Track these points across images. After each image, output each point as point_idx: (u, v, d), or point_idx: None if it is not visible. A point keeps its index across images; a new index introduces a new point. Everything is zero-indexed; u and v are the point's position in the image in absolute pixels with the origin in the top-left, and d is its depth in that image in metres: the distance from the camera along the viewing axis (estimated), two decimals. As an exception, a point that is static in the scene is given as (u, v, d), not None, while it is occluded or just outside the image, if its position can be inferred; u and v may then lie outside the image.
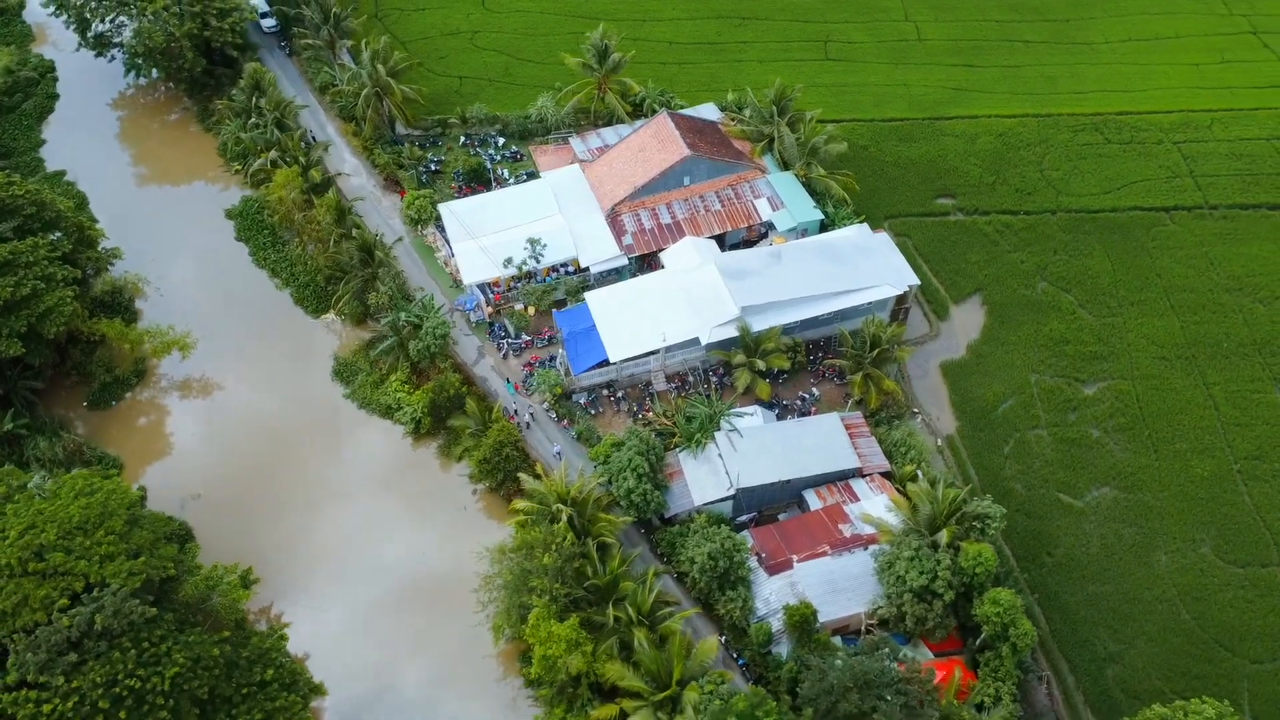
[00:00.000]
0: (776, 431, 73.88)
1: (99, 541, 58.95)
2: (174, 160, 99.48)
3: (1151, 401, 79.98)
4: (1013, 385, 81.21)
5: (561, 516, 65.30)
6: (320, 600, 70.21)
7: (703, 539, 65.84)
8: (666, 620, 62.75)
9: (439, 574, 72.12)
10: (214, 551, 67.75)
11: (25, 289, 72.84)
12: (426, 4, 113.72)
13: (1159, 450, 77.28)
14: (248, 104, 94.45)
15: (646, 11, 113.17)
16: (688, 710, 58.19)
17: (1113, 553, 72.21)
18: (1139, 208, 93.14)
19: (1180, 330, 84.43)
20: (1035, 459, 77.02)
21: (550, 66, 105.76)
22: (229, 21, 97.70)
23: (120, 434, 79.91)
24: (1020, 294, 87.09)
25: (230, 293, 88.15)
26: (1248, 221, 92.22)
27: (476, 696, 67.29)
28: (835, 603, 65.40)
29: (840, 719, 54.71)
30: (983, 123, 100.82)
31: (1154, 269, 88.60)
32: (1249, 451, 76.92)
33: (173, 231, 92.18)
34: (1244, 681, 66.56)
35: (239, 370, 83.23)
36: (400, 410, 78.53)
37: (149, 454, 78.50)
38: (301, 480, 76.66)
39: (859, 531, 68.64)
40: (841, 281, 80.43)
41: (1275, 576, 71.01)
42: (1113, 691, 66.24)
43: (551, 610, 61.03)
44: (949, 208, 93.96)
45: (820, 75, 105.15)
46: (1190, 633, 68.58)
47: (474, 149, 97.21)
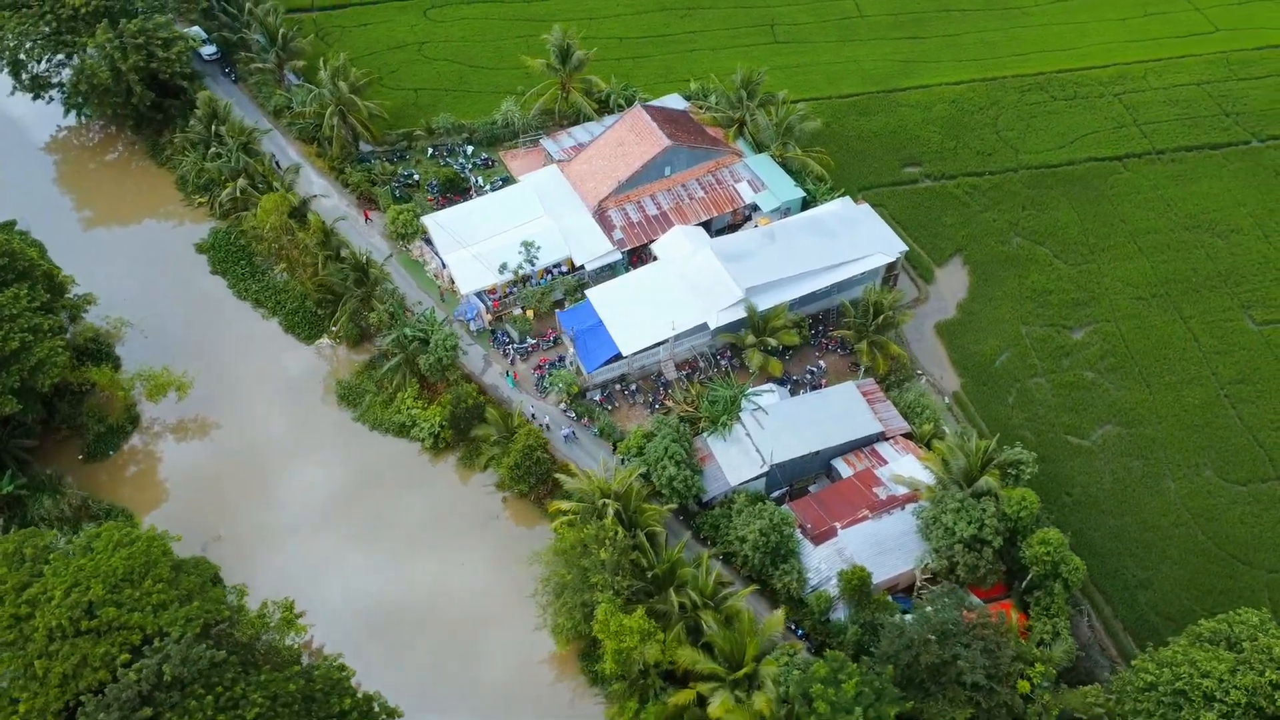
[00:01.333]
0: (798, 405, 75.26)
1: (148, 591, 56.97)
2: (130, 199, 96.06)
3: (1136, 340, 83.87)
4: (1006, 338, 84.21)
5: (608, 511, 65.43)
6: (362, 625, 68.84)
7: (750, 516, 66.74)
8: (728, 600, 63.37)
9: (480, 585, 71.58)
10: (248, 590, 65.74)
11: (14, 343, 69.64)
12: (368, 19, 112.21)
13: (1151, 385, 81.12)
14: (206, 134, 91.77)
15: (591, 10, 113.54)
16: (766, 684, 58.94)
17: (1125, 486, 75.53)
18: (1093, 159, 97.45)
19: (1151, 270, 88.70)
20: (1039, 406, 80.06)
21: (505, 71, 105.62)
22: (175, 51, 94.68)
23: (123, 484, 77.03)
24: (998, 251, 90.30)
25: (216, 328, 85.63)
26: (1194, 162, 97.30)
27: (538, 701, 66.92)
28: (884, 563, 67.01)
29: (921, 671, 56.17)
30: (935, 91, 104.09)
31: (1117, 215, 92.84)
32: (1232, 376, 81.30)
33: (143, 271, 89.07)
34: (1264, 591, 70.37)
35: (237, 405, 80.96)
36: (416, 427, 77.43)
37: (157, 501, 75.84)
38: (322, 509, 75.07)
39: (894, 492, 70.46)
40: (835, 254, 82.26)
41: (1275, 490, 75.21)
42: (1148, 616, 69.36)
43: (616, 604, 61.11)
44: (917, 175, 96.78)
45: (772, 58, 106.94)
46: (1208, 552, 72.23)
47: (444, 159, 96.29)
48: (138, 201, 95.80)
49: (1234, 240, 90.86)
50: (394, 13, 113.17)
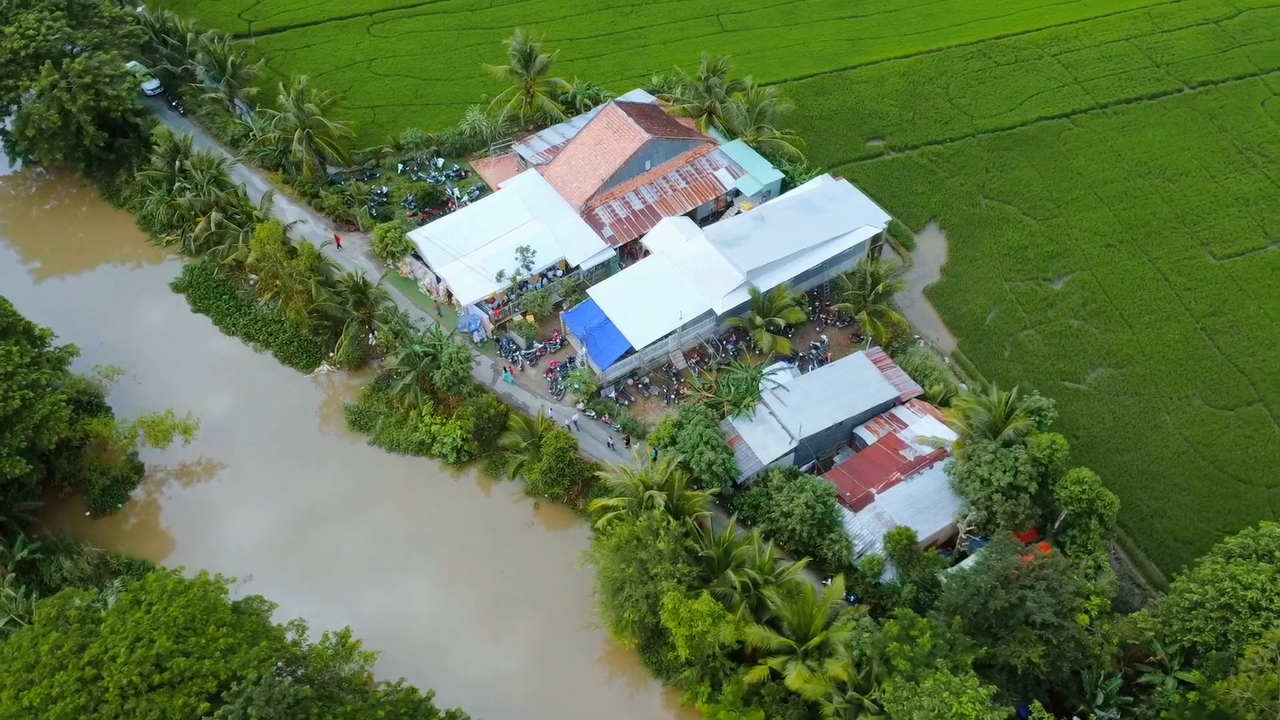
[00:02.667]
0: (815, 380, 76.97)
1: (214, 637, 55.45)
2: (92, 244, 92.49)
3: (1112, 285, 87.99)
4: (992, 295, 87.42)
5: (657, 502, 66.02)
6: (418, 645, 67.90)
7: (793, 491, 68.14)
8: (787, 575, 64.59)
9: (525, 591, 71.37)
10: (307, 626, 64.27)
11: (15, 401, 66.72)
12: (310, 40, 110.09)
13: (1132, 325, 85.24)
14: (170, 170, 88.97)
15: (536, 13, 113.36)
16: (839, 650, 60.39)
17: (1124, 423, 79.31)
18: (1043, 118, 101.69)
19: (1113, 218, 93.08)
20: (1033, 356, 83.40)
21: (460, 82, 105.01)
22: (124, 88, 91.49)
23: (137, 536, 74.42)
24: (969, 213, 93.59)
25: (207, 366, 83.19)
26: (1135, 113, 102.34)
27: (603, 698, 67.12)
28: (923, 521, 69.16)
29: (990, 617, 58.27)
30: (884, 66, 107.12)
31: (1074, 169, 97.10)
32: (1205, 310, 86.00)
33: (121, 316, 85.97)
34: (1266, 505, 74.78)
35: (242, 443, 78.87)
36: (436, 443, 76.61)
37: (176, 549, 73.39)
38: (354, 535, 73.77)
39: (920, 453, 72.70)
40: (826, 231, 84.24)
41: (1260, 412, 79.91)
42: (1167, 542, 73.05)
43: (681, 591, 61.76)
44: (881, 148, 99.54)
45: (722, 47, 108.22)
46: (1211, 476, 76.38)
47: (415, 174, 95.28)
48: (101, 246, 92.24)
49: (1184, 183, 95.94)
50: (335, 32, 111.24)
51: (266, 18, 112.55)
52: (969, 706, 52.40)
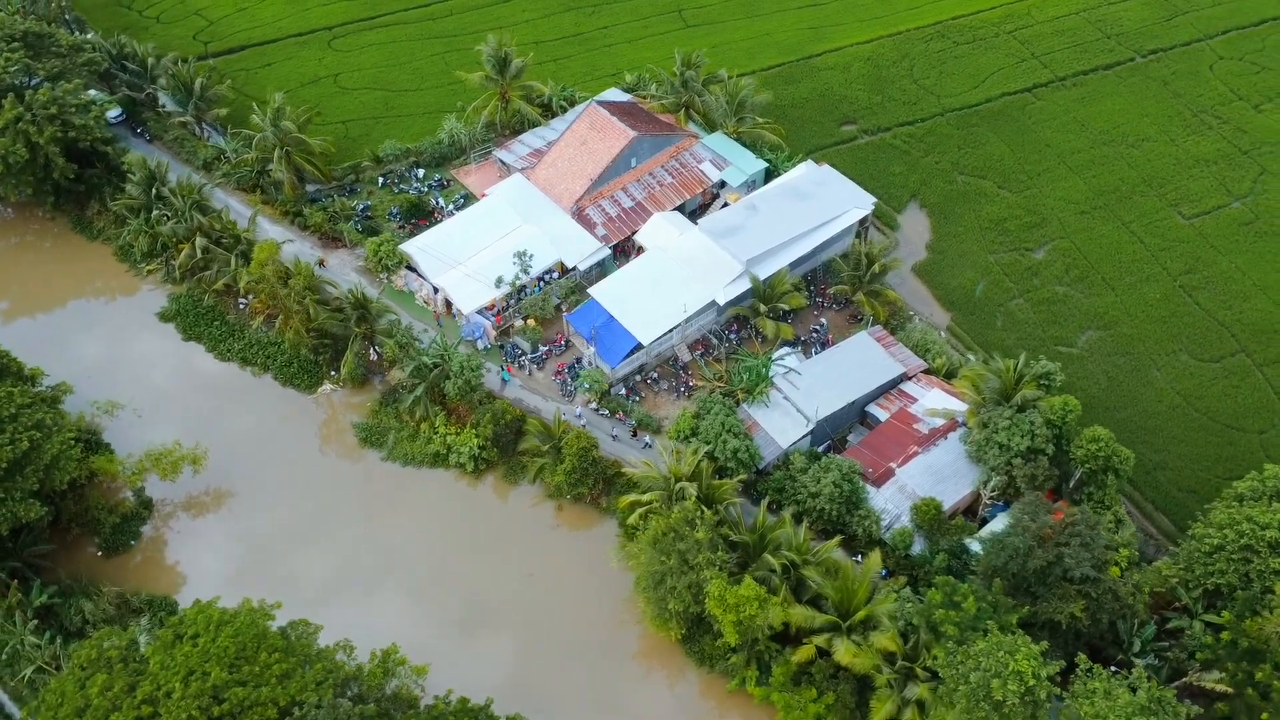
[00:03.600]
0: (823, 362, 78.19)
1: (267, 664, 54.66)
2: (69, 279, 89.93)
3: (1091, 250, 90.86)
4: (979, 268, 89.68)
5: (688, 493, 66.59)
6: (454, 654, 67.30)
7: (819, 471, 69.24)
8: (822, 554, 65.64)
9: (558, 593, 71.34)
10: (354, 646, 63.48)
11: (23, 443, 64.70)
12: (270, 59, 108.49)
13: (1115, 288, 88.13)
14: (146, 198, 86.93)
15: (499, 19, 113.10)
16: (884, 622, 61.59)
17: (1118, 382, 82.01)
18: (1007, 94, 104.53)
19: (1084, 186, 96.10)
20: (1024, 324, 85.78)
21: (429, 91, 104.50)
22: (91, 116, 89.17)
23: (153, 572, 72.75)
24: (947, 190, 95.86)
25: (206, 394, 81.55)
26: (1093, 84, 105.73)
27: (650, 692, 67.43)
28: (944, 491, 70.80)
29: (1029, 576, 59.93)
30: (848, 52, 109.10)
31: (1042, 141, 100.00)
32: (1181, 269, 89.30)
33: (110, 351, 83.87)
34: (1260, 450, 77.95)
35: (250, 470, 77.49)
36: (453, 453, 76.14)
37: (197, 582, 71.72)
38: (375, 553, 72.97)
39: (933, 425, 74.33)
40: (816, 215, 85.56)
41: (1243, 362, 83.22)
42: (1171, 492, 75.75)
43: (724, 578, 62.38)
44: (854, 133, 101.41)
45: (688, 42, 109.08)
46: (1205, 426, 79.37)
47: (396, 187, 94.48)
48: (78, 280, 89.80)
49: (1146, 148, 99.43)
50: (295, 49, 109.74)
51: (222, 38, 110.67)
52: (1024, 663, 53.89)
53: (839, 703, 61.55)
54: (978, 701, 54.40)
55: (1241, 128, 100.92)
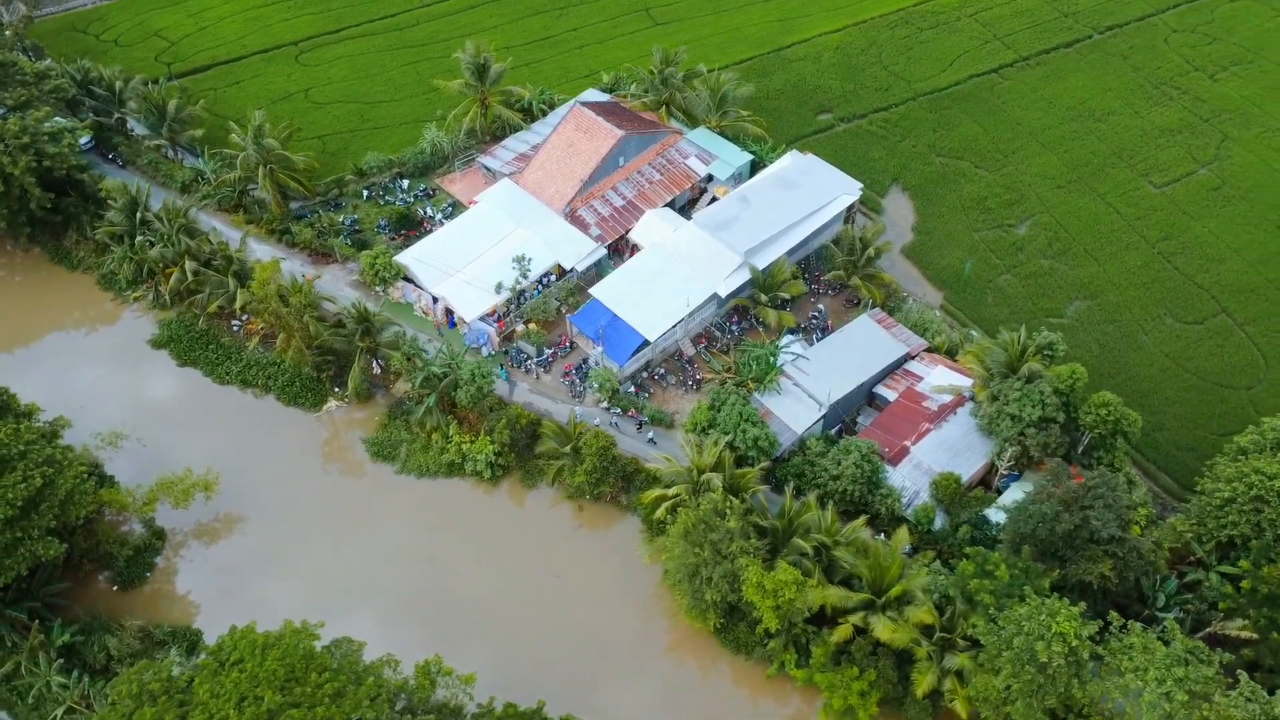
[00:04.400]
0: (828, 347, 79.32)
1: (319, 684, 54.08)
2: (52, 311, 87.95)
3: (1070, 223, 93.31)
4: (965, 247, 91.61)
5: (715, 484, 67.22)
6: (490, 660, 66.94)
7: (839, 453, 70.34)
8: (849, 534, 66.70)
9: (585, 593, 71.47)
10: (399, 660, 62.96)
11: (36, 480, 63.14)
12: (237, 77, 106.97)
13: (1097, 258, 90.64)
14: (130, 224, 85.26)
15: (466, 27, 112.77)
16: (918, 597, 62.83)
17: (1109, 349, 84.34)
18: (974, 75, 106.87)
19: (1058, 161, 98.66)
20: (1014, 298, 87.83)
21: (404, 101, 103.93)
22: (65, 144, 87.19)
23: (173, 603, 71.46)
24: (927, 173, 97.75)
25: (208, 419, 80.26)
26: (1056, 62, 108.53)
27: (691, 683, 67.90)
28: (959, 465, 72.34)
29: (1057, 540, 61.51)
30: (816, 43, 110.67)
31: (1013, 120, 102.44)
32: (1158, 235, 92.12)
33: (101, 382, 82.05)
34: (1249, 405, 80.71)
35: (262, 492, 76.44)
36: (468, 461, 75.88)
37: (218, 609, 70.46)
38: (398, 566, 72.42)
39: (941, 401, 75.87)
40: (807, 203, 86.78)
41: (1225, 322, 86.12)
42: (1170, 451, 78.14)
43: (759, 564, 63.12)
44: (831, 121, 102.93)
45: (657, 40, 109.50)
46: (1196, 386, 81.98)
47: (381, 199, 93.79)
48: (62, 312, 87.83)
49: (1113, 121, 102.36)
50: (262, 65, 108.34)
51: (186, 58, 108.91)
52: (1065, 624, 55.40)
53: (881, 678, 62.62)
54: (1023, 665, 55.78)
55: (1200, 97, 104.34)
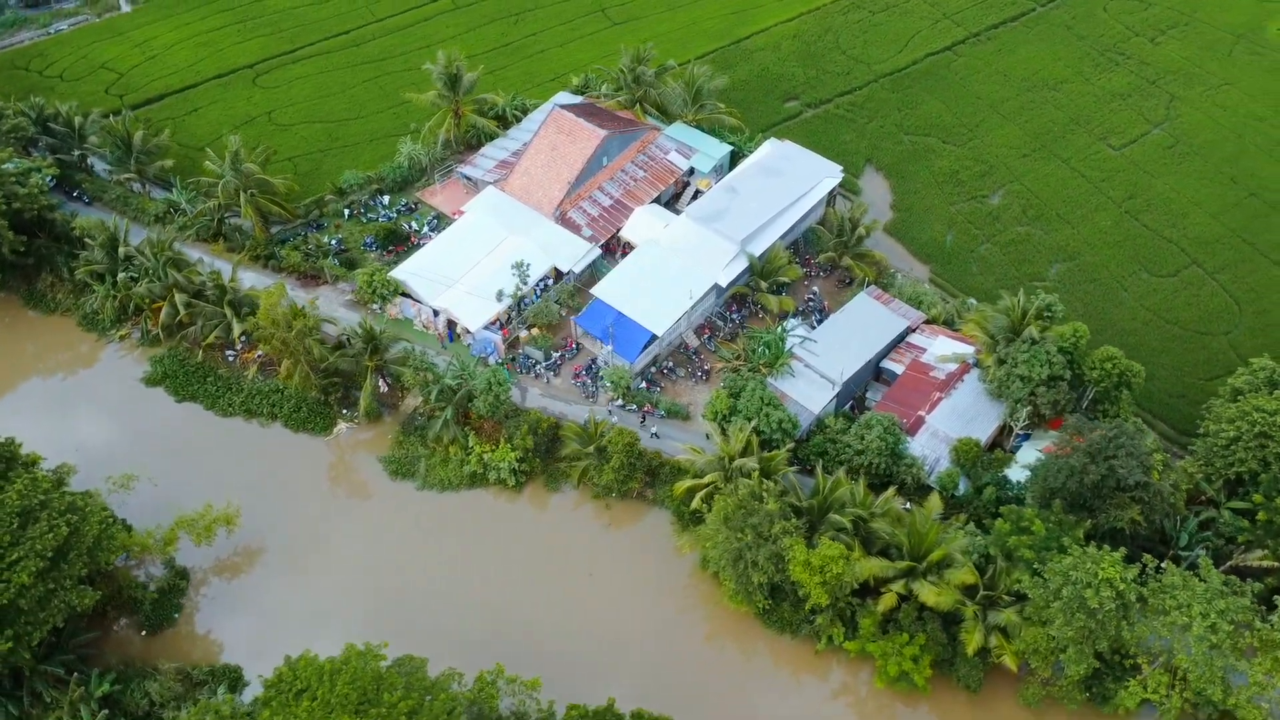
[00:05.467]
0: (832, 327, 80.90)
1: (392, 704, 53.60)
2: (31, 358, 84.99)
3: (1040, 190, 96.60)
4: (945, 220, 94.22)
5: (747, 468, 68.23)
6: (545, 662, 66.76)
7: (861, 428, 71.88)
8: (881, 505, 68.27)
9: (620, 589, 71.69)
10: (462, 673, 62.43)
11: (63, 529, 61.26)
12: (195, 104, 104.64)
13: (1070, 221, 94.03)
14: (112, 261, 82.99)
15: (424, 39, 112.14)
16: (957, 559, 64.67)
17: (1093, 307, 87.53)
18: (930, 54, 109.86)
19: (1020, 131, 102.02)
20: (998, 266, 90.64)
21: (371, 117, 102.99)
22: (33, 185, 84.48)
23: (206, 643, 69.70)
24: (897, 151, 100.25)
25: (216, 453, 78.40)
26: (1005, 37, 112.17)
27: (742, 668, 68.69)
28: (974, 430, 74.49)
29: (1086, 491, 63.85)
30: (774, 32, 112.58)
31: (972, 95, 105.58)
32: (1123, 195, 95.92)
33: (96, 426, 79.61)
34: (1229, 349, 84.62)
35: (280, 522, 75.01)
36: (491, 470, 75.60)
37: (256, 644, 68.88)
38: (433, 581, 71.75)
39: (948, 370, 78.02)
40: (793, 189, 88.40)
41: (1196, 273, 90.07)
42: (1163, 399, 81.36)
43: (802, 542, 64.28)
44: (799, 108, 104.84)
45: (618, 39, 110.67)
46: (1178, 335, 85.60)
47: (363, 216, 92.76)
48: (46, 357, 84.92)
49: (1065, 89, 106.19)
50: (219, 91, 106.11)
51: (138, 89, 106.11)
52: (1111, 570, 57.68)
53: (930, 641, 64.25)
54: (1073, 613, 57.89)
55: (1144, 60, 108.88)
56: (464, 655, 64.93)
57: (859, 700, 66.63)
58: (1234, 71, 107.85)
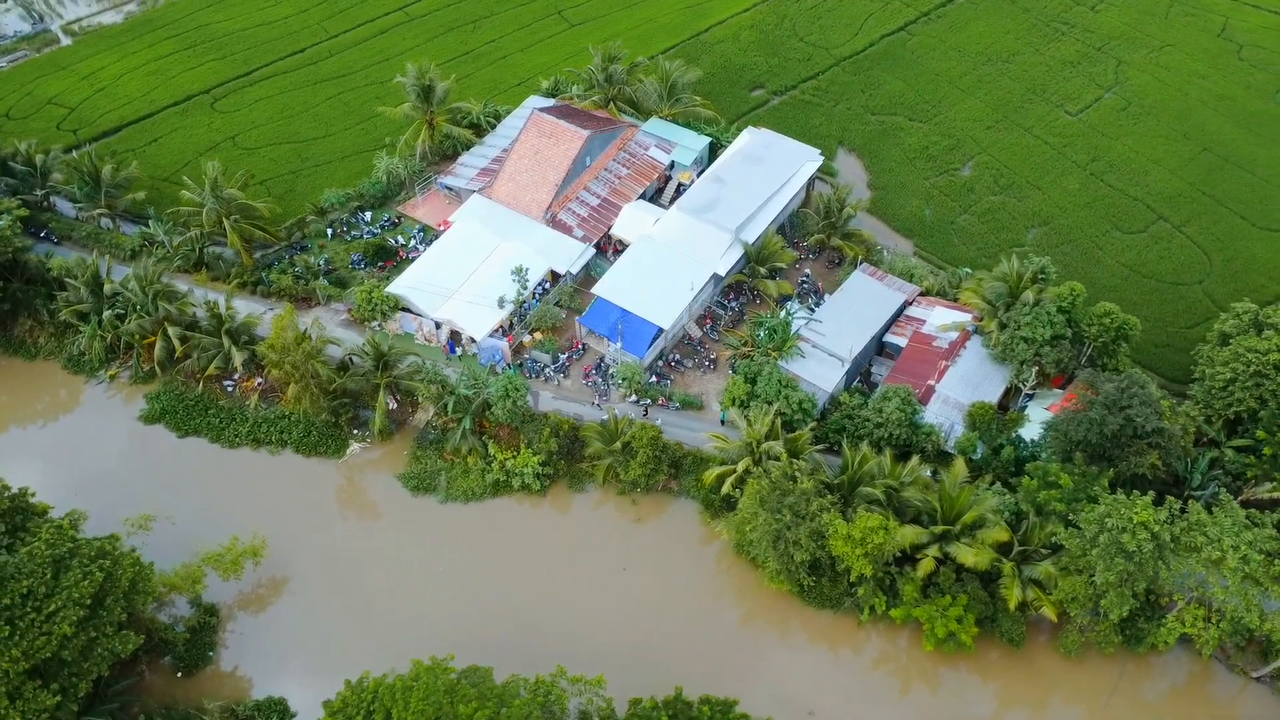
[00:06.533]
0: (834, 306, 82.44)
1: (469, 715, 53.43)
2: (18, 406, 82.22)
3: (1008, 160, 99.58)
4: (922, 195, 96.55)
5: (775, 451, 69.27)
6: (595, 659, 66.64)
7: (878, 402, 73.44)
8: (909, 474, 69.91)
9: (655, 581, 72.18)
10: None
11: (97, 575, 59.48)
12: (154, 134, 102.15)
13: (1040, 187, 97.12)
14: (97, 300, 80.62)
15: (382, 52, 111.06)
16: (989, 519, 66.59)
17: (1073, 268, 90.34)
18: (885, 35, 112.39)
19: (981, 104, 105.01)
20: (978, 235, 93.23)
21: (339, 135, 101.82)
22: (4, 225, 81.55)
23: (245, 678, 68.37)
24: (866, 132, 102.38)
25: (229, 485, 76.83)
26: (955, 14, 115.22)
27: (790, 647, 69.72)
28: (982, 394, 76.63)
29: (1106, 441, 66.23)
30: (731, 24, 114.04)
31: (931, 72, 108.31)
32: (1086, 159, 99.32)
33: (101, 468, 77.32)
34: (1204, 297, 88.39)
35: (304, 549, 73.81)
36: (514, 477, 75.35)
37: (299, 675, 67.89)
38: (468, 593, 71.32)
39: (949, 338, 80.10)
40: (777, 175, 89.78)
41: (1164, 227, 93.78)
42: (1150, 349, 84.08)
43: (840, 517, 65.56)
44: (765, 96, 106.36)
45: (579, 40, 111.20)
46: (1155, 288, 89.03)
47: (346, 235, 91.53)
48: (33, 402, 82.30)
49: (1018, 61, 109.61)
50: (177, 119, 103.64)
51: (91, 123, 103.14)
52: (1144, 514, 60.02)
53: (973, 600, 66.02)
54: (1112, 557, 60.10)
55: (1088, 28, 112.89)
56: (511, 662, 64.43)
57: (909, 664, 68.14)
58: (1173, 33, 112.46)
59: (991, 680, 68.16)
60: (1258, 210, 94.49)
